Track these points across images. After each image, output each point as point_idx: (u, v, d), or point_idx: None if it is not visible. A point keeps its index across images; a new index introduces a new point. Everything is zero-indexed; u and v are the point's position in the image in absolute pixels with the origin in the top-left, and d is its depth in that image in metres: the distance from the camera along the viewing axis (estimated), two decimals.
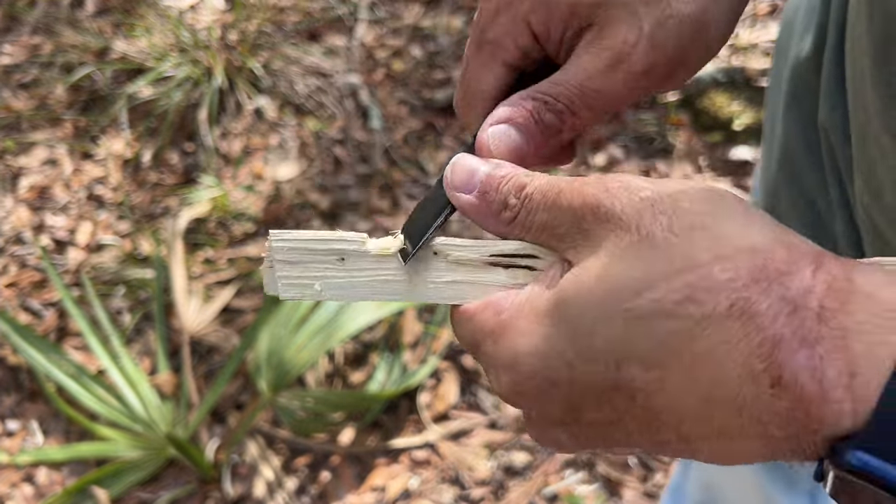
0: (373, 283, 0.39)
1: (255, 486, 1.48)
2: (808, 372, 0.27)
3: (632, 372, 0.31)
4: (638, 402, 0.31)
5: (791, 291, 0.28)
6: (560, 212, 0.35)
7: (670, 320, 0.30)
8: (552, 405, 0.33)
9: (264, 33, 2.17)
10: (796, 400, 0.28)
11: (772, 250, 0.30)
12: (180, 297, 1.63)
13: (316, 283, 0.39)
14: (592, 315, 0.31)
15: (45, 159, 2.02)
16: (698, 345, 0.29)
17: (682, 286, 0.30)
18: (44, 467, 1.52)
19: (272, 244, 0.39)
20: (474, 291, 0.38)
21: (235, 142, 2.00)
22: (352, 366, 1.62)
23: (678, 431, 0.31)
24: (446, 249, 0.38)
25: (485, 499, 1.45)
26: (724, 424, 0.30)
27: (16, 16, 2.30)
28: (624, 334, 0.30)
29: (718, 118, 1.89)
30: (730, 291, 0.29)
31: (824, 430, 0.28)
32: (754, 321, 0.28)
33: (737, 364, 0.29)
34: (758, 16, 2.14)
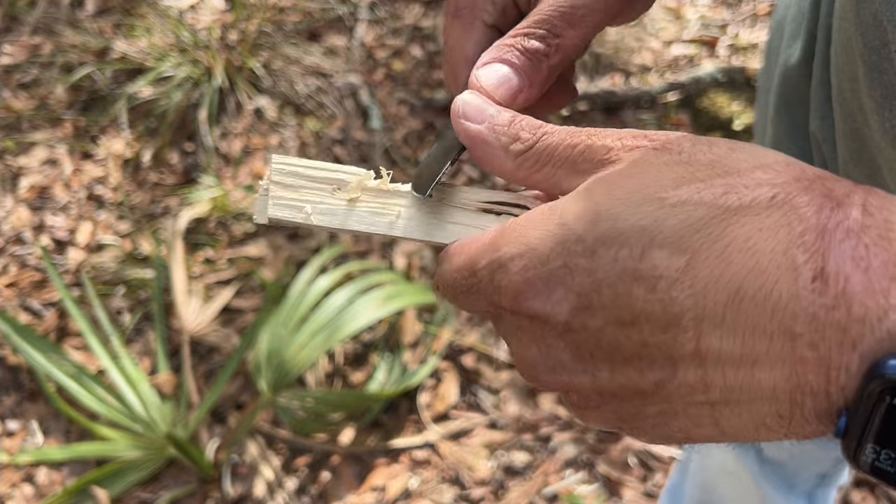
0: (363, 214, 0.39)
1: (255, 485, 1.48)
2: (853, 262, 0.25)
3: (657, 257, 0.28)
4: (658, 294, 0.28)
5: (834, 190, 0.27)
6: (590, 151, 0.33)
7: (706, 208, 0.28)
8: (561, 300, 0.30)
9: (264, 33, 2.17)
10: (839, 296, 0.25)
11: (807, 166, 0.29)
12: (180, 297, 1.63)
13: (307, 205, 0.39)
14: (621, 201, 0.29)
15: (45, 159, 2.02)
16: (733, 232, 0.27)
17: (723, 183, 0.28)
18: (44, 467, 1.52)
19: (273, 166, 0.39)
20: (463, 233, 0.38)
21: (235, 142, 2.00)
22: (352, 366, 1.62)
23: (697, 338, 0.28)
24: (441, 192, 0.39)
25: (485, 499, 1.45)
26: (748, 332, 0.27)
27: (16, 16, 2.30)
28: (654, 219, 0.28)
29: (718, 118, 1.89)
30: (771, 186, 0.28)
31: (863, 339, 0.25)
32: (797, 211, 0.27)
33: (776, 253, 0.26)
34: (758, 16, 2.14)
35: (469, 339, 1.63)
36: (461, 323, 1.65)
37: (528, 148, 0.35)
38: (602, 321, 0.29)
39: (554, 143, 0.34)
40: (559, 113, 1.92)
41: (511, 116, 0.36)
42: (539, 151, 0.34)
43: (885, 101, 0.44)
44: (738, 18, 2.14)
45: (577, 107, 1.97)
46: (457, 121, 0.38)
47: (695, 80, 1.94)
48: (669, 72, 2.04)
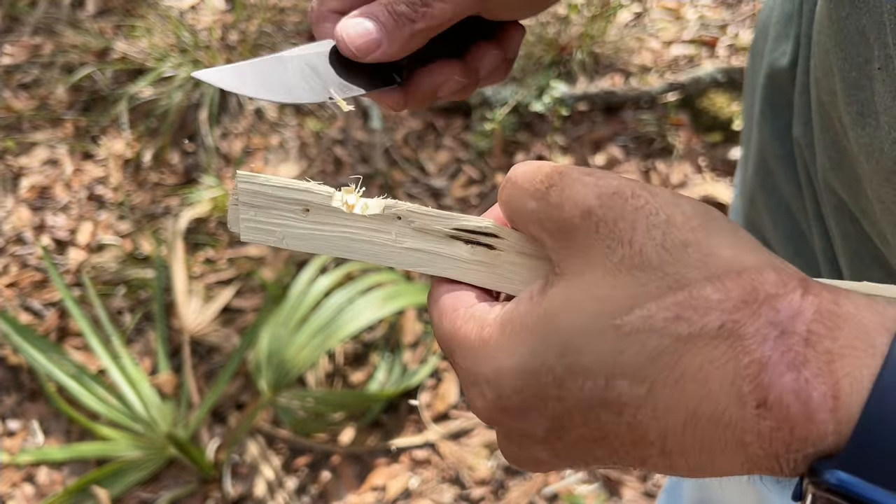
0: (334, 239, 0.38)
1: (255, 485, 1.48)
2: (794, 394, 0.28)
3: (620, 387, 0.30)
4: (624, 418, 0.31)
5: (780, 315, 0.29)
6: (550, 208, 0.34)
7: (660, 337, 0.30)
8: (537, 422, 0.33)
9: (265, 33, 2.17)
10: (781, 420, 0.28)
11: (761, 272, 0.30)
12: (181, 297, 1.63)
13: (278, 229, 0.38)
14: (582, 330, 0.31)
15: (45, 159, 2.02)
16: (686, 362, 0.29)
17: (673, 304, 0.30)
18: (44, 467, 1.53)
19: (238, 185, 0.39)
20: (434, 262, 0.38)
21: (236, 142, 2.00)
22: (352, 366, 1.62)
23: (662, 447, 0.31)
24: (410, 216, 0.38)
25: (485, 498, 1.45)
26: (707, 441, 0.30)
27: (17, 16, 2.30)
28: (613, 350, 0.30)
29: (718, 118, 1.89)
30: (720, 312, 0.29)
31: (806, 449, 0.28)
32: (742, 343, 0.29)
33: (724, 383, 0.29)
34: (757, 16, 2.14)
35: None
36: None
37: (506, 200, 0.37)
38: (576, 437, 0.32)
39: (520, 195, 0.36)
40: (560, 113, 1.92)
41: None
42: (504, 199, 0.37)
43: (861, 117, 0.44)
44: (737, 18, 2.14)
45: (578, 107, 1.97)
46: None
47: (694, 80, 1.95)
48: (669, 72, 2.04)
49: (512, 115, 1.94)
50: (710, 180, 1.82)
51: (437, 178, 1.89)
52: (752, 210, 0.66)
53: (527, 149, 1.92)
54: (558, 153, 1.89)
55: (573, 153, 1.90)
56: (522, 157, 1.90)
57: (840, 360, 0.28)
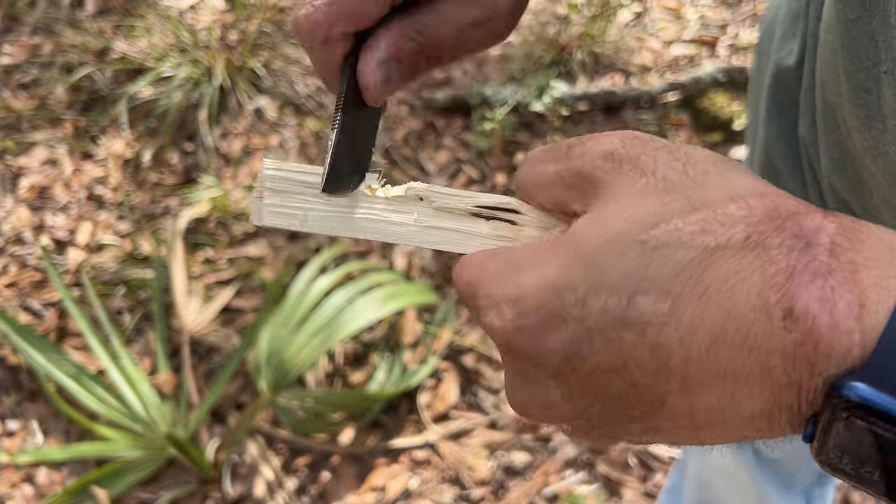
0: (355, 220, 0.39)
1: (255, 486, 1.48)
2: (820, 303, 0.28)
3: (644, 304, 0.30)
4: (648, 339, 0.30)
5: (804, 229, 0.29)
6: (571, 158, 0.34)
7: (685, 250, 0.30)
8: (554, 345, 0.32)
9: (264, 33, 2.17)
10: (807, 332, 0.28)
11: (780, 195, 0.31)
12: (180, 297, 1.63)
13: (300, 212, 0.39)
14: (607, 248, 0.31)
15: (45, 159, 2.02)
16: (712, 274, 0.29)
17: (698, 220, 0.30)
18: (44, 467, 1.53)
19: (263, 171, 0.39)
20: (456, 239, 0.38)
21: (236, 142, 2.00)
22: (352, 366, 1.62)
23: (684, 377, 0.30)
24: (431, 195, 0.39)
25: (485, 499, 1.45)
26: (731, 368, 0.29)
27: (16, 16, 2.30)
28: (638, 265, 0.30)
29: (718, 118, 1.89)
30: (745, 225, 0.29)
31: (830, 369, 0.28)
32: (768, 253, 0.29)
33: (750, 295, 0.29)
34: (758, 16, 2.14)
35: (469, 339, 1.63)
36: (461, 323, 1.65)
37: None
38: (593, 366, 0.31)
39: (543, 159, 0.37)
40: (560, 113, 1.92)
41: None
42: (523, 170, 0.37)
43: (868, 120, 0.44)
44: (738, 18, 2.14)
45: (578, 107, 1.97)
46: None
47: (695, 80, 1.94)
48: (669, 72, 2.04)
49: (512, 114, 1.94)
50: None
51: (437, 178, 1.89)
52: None
53: (527, 149, 1.91)
54: None
55: None
56: (523, 157, 1.90)
57: (865, 271, 0.28)
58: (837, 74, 0.46)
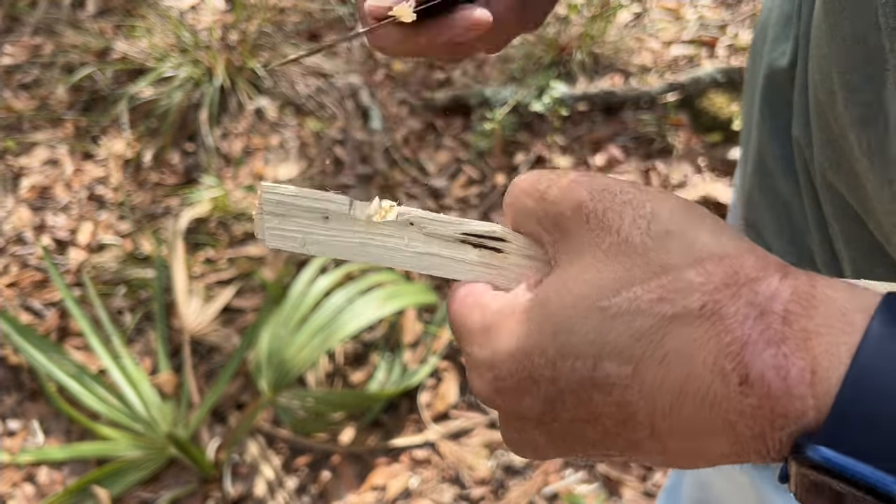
0: (351, 245, 0.41)
1: (255, 485, 1.48)
2: (774, 370, 0.29)
3: (608, 368, 0.32)
4: (614, 397, 0.32)
5: (759, 296, 0.30)
6: (546, 205, 0.36)
7: (644, 318, 0.31)
8: (531, 403, 0.34)
9: (265, 33, 2.17)
10: (763, 397, 0.29)
11: (741, 257, 0.31)
12: (181, 297, 1.63)
13: (300, 236, 0.41)
14: (572, 313, 0.33)
15: (46, 159, 2.02)
16: (670, 342, 0.31)
17: (657, 287, 0.31)
18: (45, 467, 1.53)
19: (262, 196, 0.41)
20: (444, 265, 0.40)
21: (236, 142, 2.01)
22: (352, 365, 1.62)
23: (651, 428, 0.32)
24: (422, 222, 0.40)
25: (485, 498, 1.45)
26: (695, 421, 0.31)
27: (17, 16, 2.30)
28: (600, 331, 0.32)
29: (718, 118, 1.90)
30: (701, 294, 0.31)
31: (789, 426, 0.29)
32: (724, 322, 0.30)
33: (707, 362, 0.30)
34: (757, 16, 2.14)
35: None
36: None
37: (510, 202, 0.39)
38: (569, 419, 0.34)
39: (520, 195, 0.38)
40: (560, 113, 1.92)
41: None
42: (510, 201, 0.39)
43: (862, 118, 0.44)
44: (737, 19, 2.14)
45: (577, 107, 1.97)
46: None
47: (694, 80, 1.95)
48: (669, 72, 2.04)
49: (512, 115, 1.94)
50: (710, 180, 1.82)
51: (437, 178, 1.89)
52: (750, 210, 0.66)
53: (527, 149, 1.92)
54: (558, 153, 1.89)
55: (573, 153, 1.90)
56: (522, 158, 1.90)
57: (816, 338, 0.29)
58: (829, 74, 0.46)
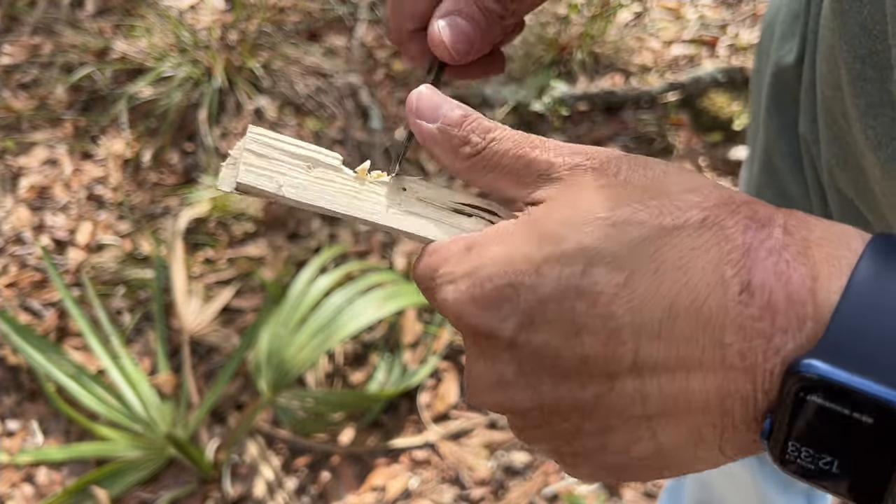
0: (334, 194, 0.39)
1: (255, 486, 1.48)
2: (776, 276, 0.28)
3: (598, 274, 0.30)
4: (598, 309, 0.30)
5: (758, 213, 0.30)
6: (532, 164, 0.35)
7: (642, 228, 0.30)
8: (506, 315, 0.32)
9: (264, 33, 2.17)
10: (763, 306, 0.28)
11: (734, 189, 0.32)
12: (180, 297, 1.63)
13: (278, 176, 0.39)
14: (565, 224, 0.31)
15: (45, 159, 2.02)
16: (668, 251, 0.30)
17: (656, 204, 0.31)
18: (44, 467, 1.53)
19: (248, 135, 0.39)
20: (435, 229, 0.38)
21: (235, 142, 2.00)
22: (352, 366, 1.62)
23: (635, 353, 0.30)
24: (415, 187, 0.39)
25: (485, 499, 1.45)
26: (683, 344, 0.29)
27: (16, 16, 2.30)
28: (595, 239, 0.30)
29: (718, 118, 1.89)
30: (701, 209, 0.30)
31: (786, 345, 0.28)
32: (725, 232, 0.30)
33: (706, 270, 0.29)
34: (757, 16, 2.14)
35: None
36: None
37: (477, 153, 0.36)
38: (546, 336, 0.31)
39: (501, 152, 0.36)
40: (560, 113, 1.92)
41: (462, 116, 0.37)
42: (487, 157, 0.36)
43: (870, 109, 0.44)
44: (737, 18, 2.14)
45: (578, 107, 1.97)
46: (411, 117, 0.38)
47: (695, 80, 1.94)
48: (669, 72, 2.04)
49: (512, 114, 1.94)
50: None
51: (437, 178, 1.89)
52: None
53: None
54: None
55: None
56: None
57: (817, 248, 0.29)
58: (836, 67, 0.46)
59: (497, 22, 0.43)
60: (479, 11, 0.42)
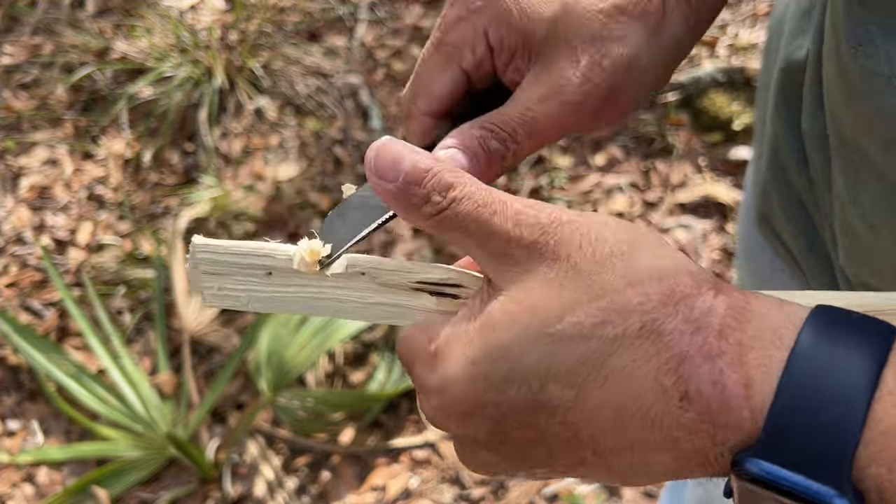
0: (299, 299, 0.39)
1: (255, 485, 1.48)
2: (711, 385, 0.30)
3: (552, 391, 0.33)
4: (557, 419, 0.33)
5: (695, 312, 0.32)
6: (492, 235, 0.35)
7: (587, 341, 0.32)
8: (479, 426, 0.35)
9: (264, 33, 2.17)
10: (702, 411, 0.30)
11: (678, 276, 0.33)
12: (181, 297, 1.63)
13: (242, 295, 0.38)
14: (518, 340, 0.33)
15: (45, 159, 2.02)
16: (612, 362, 0.32)
17: (599, 311, 0.32)
18: (44, 467, 1.53)
19: (196, 255, 0.38)
20: (401, 314, 0.39)
21: (236, 142, 2.00)
22: (352, 366, 1.62)
23: (595, 446, 0.33)
24: (374, 272, 0.39)
25: (485, 498, 1.45)
26: (637, 439, 0.32)
27: (16, 16, 2.30)
28: (546, 357, 0.33)
29: (718, 118, 1.89)
30: (641, 314, 0.32)
31: (729, 441, 0.30)
32: (662, 340, 0.31)
33: (648, 379, 0.31)
34: (757, 16, 2.14)
35: None
36: None
37: (438, 212, 0.36)
38: (515, 439, 0.35)
39: (462, 213, 0.36)
40: None
41: (423, 172, 0.37)
42: (449, 218, 0.36)
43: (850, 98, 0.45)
44: (737, 18, 2.14)
45: None
46: (370, 176, 0.38)
47: (694, 80, 1.95)
48: None
49: None
50: (710, 180, 1.82)
51: None
52: (764, 204, 0.66)
53: None
54: (558, 153, 1.89)
55: (573, 153, 1.90)
56: None
57: (750, 352, 0.30)
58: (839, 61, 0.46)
59: (498, 161, 0.44)
60: (481, 150, 0.44)
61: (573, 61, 0.43)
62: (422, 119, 0.47)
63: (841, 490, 0.28)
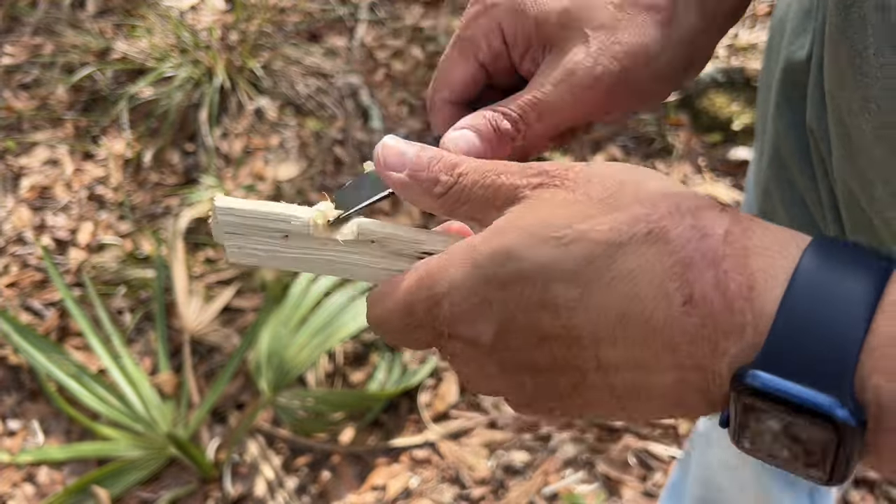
0: (314, 262, 0.42)
1: (255, 485, 1.48)
2: (714, 287, 0.31)
3: (556, 290, 0.33)
4: (560, 320, 0.33)
5: (701, 220, 0.32)
6: (500, 188, 0.37)
7: (594, 245, 0.33)
8: (484, 327, 0.35)
9: (265, 34, 2.17)
10: (705, 315, 0.31)
11: (685, 193, 0.34)
12: (181, 297, 1.63)
13: (262, 253, 0.41)
14: (525, 242, 0.34)
15: (46, 159, 2.02)
16: (617, 266, 0.32)
17: (607, 220, 0.33)
18: (45, 467, 1.53)
19: (218, 217, 0.41)
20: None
21: (236, 142, 2.01)
22: (352, 365, 1.62)
23: (596, 354, 0.33)
24: (383, 240, 0.41)
25: (485, 498, 1.45)
26: (637, 347, 0.32)
27: (17, 16, 2.30)
28: (552, 258, 0.34)
29: (718, 118, 1.90)
30: (647, 223, 0.33)
31: (729, 350, 0.30)
32: (668, 246, 0.32)
33: (652, 284, 0.32)
34: (757, 16, 2.15)
35: None
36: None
37: (447, 190, 0.39)
38: (519, 342, 0.35)
39: (470, 184, 0.39)
40: None
41: (428, 159, 0.40)
42: (458, 192, 0.39)
43: (866, 103, 0.45)
44: None
45: None
46: (380, 170, 0.41)
47: (694, 80, 1.95)
48: None
49: None
50: (710, 180, 1.82)
51: None
52: (766, 203, 0.67)
53: None
54: (558, 153, 1.89)
55: (573, 153, 1.91)
56: None
57: (755, 258, 0.31)
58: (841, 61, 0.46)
59: (508, 142, 0.46)
60: (491, 130, 0.45)
61: (585, 46, 0.44)
62: (443, 108, 0.49)
63: (842, 400, 0.28)
